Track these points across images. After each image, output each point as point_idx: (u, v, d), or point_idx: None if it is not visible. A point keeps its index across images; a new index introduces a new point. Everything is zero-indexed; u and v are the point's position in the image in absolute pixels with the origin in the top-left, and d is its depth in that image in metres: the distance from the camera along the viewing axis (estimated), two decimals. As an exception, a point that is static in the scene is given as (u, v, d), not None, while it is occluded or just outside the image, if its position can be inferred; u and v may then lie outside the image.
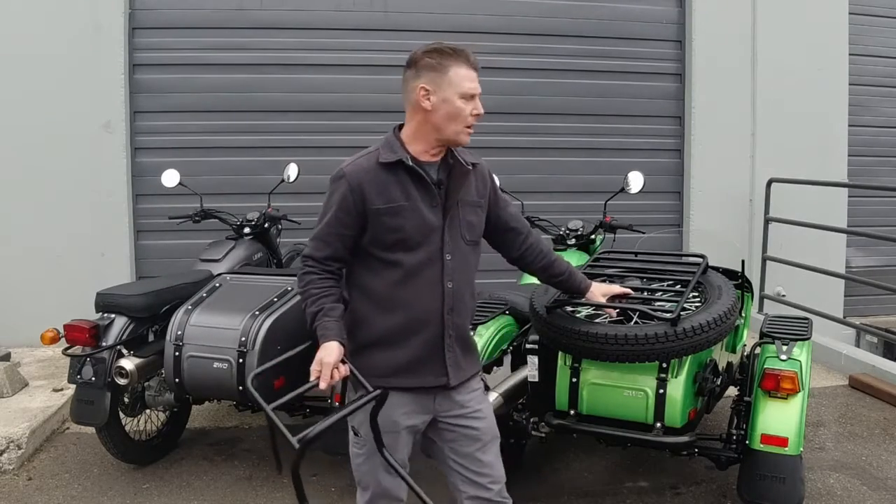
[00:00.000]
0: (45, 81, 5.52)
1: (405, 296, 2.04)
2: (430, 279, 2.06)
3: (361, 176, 2.02)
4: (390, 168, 2.03)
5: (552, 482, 3.47)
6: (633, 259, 3.27)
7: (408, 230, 2.02)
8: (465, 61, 2.05)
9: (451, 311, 2.09)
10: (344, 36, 6.01)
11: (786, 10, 6.46)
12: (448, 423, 2.15)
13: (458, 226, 2.10)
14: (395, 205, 2.01)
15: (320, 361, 1.94)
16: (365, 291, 2.08)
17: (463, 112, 2.04)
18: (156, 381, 3.51)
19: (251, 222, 4.36)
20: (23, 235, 5.55)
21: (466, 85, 2.04)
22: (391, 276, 2.04)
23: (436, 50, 2.06)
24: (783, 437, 2.69)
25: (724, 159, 6.45)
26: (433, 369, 2.09)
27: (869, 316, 6.96)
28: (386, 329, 2.05)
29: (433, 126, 2.05)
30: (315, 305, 2.02)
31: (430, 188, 2.05)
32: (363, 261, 2.08)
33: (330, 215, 2.05)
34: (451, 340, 2.11)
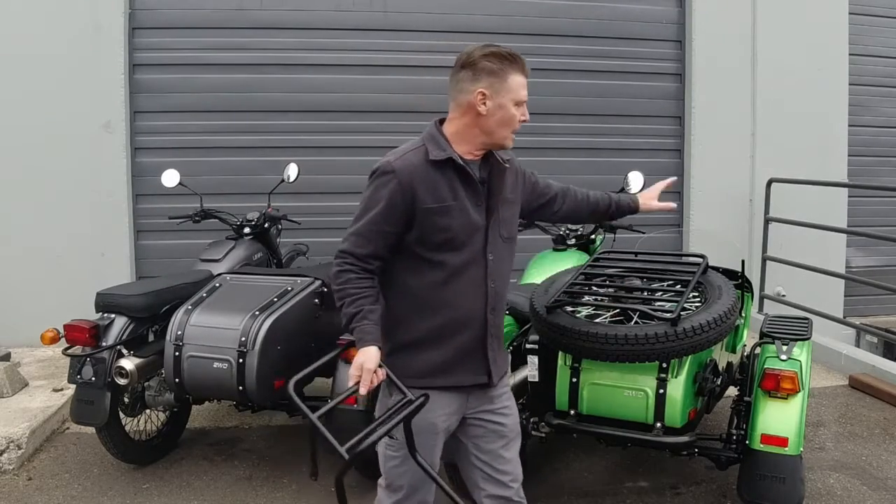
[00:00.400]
0: (45, 81, 5.52)
1: (448, 296, 2.02)
2: (474, 280, 2.04)
3: (412, 173, 1.97)
4: (439, 166, 2.00)
5: (552, 482, 3.47)
6: (633, 259, 3.27)
7: (455, 230, 1.99)
8: (521, 68, 2.07)
9: (492, 310, 2.08)
10: (344, 36, 6.01)
11: (786, 10, 6.46)
12: (476, 419, 2.14)
13: (498, 225, 2.08)
14: (445, 204, 1.98)
15: (360, 366, 1.91)
16: (405, 292, 2.04)
17: (515, 118, 2.06)
18: (156, 381, 3.51)
19: (251, 222, 4.37)
20: (23, 235, 5.55)
21: (522, 93, 2.07)
22: (434, 276, 2.01)
23: (495, 54, 2.03)
24: (783, 437, 2.69)
25: (724, 159, 6.46)
26: (473, 368, 2.08)
27: (869, 316, 6.96)
28: (427, 330, 2.02)
29: (483, 129, 2.04)
30: (353, 306, 1.97)
31: (476, 188, 2.04)
32: (404, 260, 2.03)
33: (376, 211, 1.98)
34: (492, 340, 2.10)
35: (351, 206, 6.52)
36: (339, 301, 2.01)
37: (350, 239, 2.01)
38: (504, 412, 2.17)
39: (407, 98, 6.08)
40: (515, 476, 2.18)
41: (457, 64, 2.09)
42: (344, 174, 5.99)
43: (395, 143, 2.25)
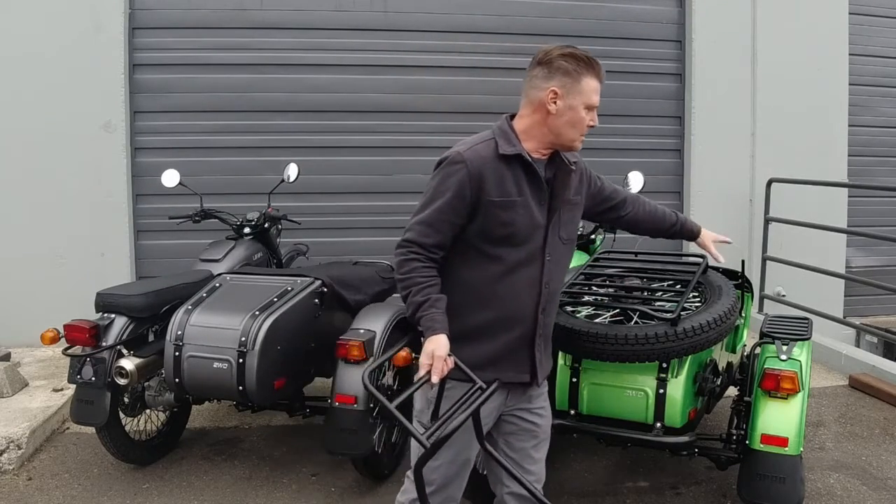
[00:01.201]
0: (45, 81, 5.52)
1: (503, 292, 2.02)
2: (530, 277, 2.05)
3: (481, 164, 1.97)
4: (508, 161, 2.00)
5: (552, 482, 3.46)
6: (633, 259, 3.27)
7: (517, 225, 2.00)
8: (597, 73, 2.05)
9: (543, 310, 2.09)
10: (344, 36, 6.01)
11: (786, 10, 6.46)
12: (512, 416, 2.15)
13: (558, 226, 2.09)
14: (510, 199, 1.98)
15: (431, 354, 1.89)
16: (461, 284, 2.03)
17: (584, 121, 2.05)
18: (156, 381, 3.51)
19: (251, 222, 4.36)
20: (23, 235, 5.55)
21: (594, 97, 2.05)
22: (491, 270, 2.02)
23: (572, 55, 2.03)
24: (783, 437, 2.69)
25: (724, 159, 6.46)
26: (517, 366, 2.08)
27: (869, 316, 6.96)
28: (478, 323, 2.03)
29: (551, 129, 2.05)
30: (421, 295, 1.96)
31: (541, 186, 2.04)
32: (463, 252, 2.03)
33: (444, 200, 1.97)
34: (541, 340, 2.11)
35: (351, 206, 6.57)
36: (405, 290, 1.99)
37: (416, 228, 2.01)
38: (540, 412, 2.19)
39: (407, 98, 6.08)
40: (540, 477, 2.19)
41: (533, 61, 2.08)
42: (344, 174, 6.00)
43: (395, 143, 2.25)
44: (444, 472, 2.09)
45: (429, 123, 6.09)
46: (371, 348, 3.19)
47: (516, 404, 2.15)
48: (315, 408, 3.54)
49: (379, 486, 3.42)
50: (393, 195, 6.03)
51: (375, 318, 3.39)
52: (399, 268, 2.01)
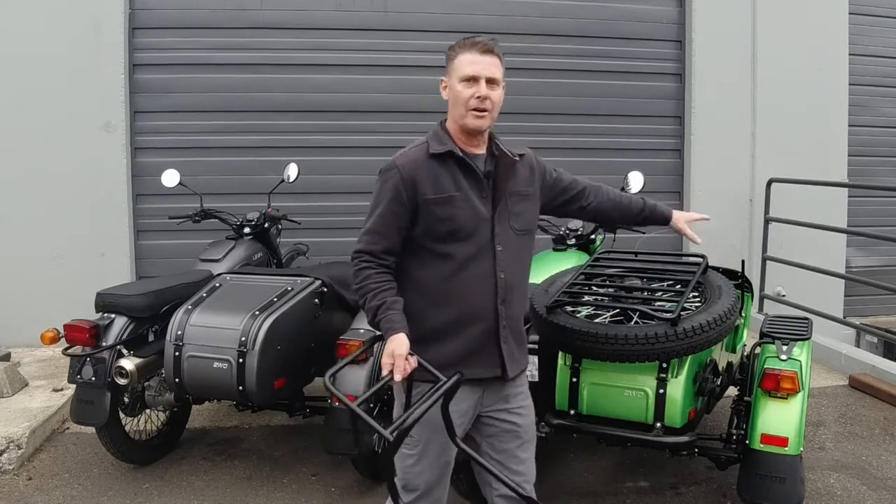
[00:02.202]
0: (45, 81, 5.52)
1: (458, 288, 2.04)
2: (483, 271, 2.06)
3: (413, 167, 2.03)
4: (441, 159, 2.05)
5: (552, 482, 3.47)
6: (633, 259, 3.27)
7: (459, 220, 2.03)
8: (473, 47, 2.04)
9: (503, 302, 2.09)
10: (344, 36, 6.01)
11: (786, 10, 6.45)
12: (490, 418, 2.15)
13: (507, 216, 2.10)
14: (447, 195, 2.03)
15: (392, 353, 1.91)
16: (417, 286, 2.07)
17: (464, 95, 2.03)
18: (156, 381, 3.51)
19: (251, 222, 4.37)
20: (23, 235, 5.55)
21: (466, 69, 2.03)
22: (443, 268, 2.05)
23: (454, 44, 2.09)
24: (783, 437, 2.69)
25: (724, 159, 6.46)
26: (486, 361, 2.09)
27: (869, 316, 6.96)
28: (439, 323, 2.05)
29: (452, 117, 2.10)
30: (377, 299, 2.00)
31: (479, 179, 2.07)
32: (414, 254, 2.08)
33: (383, 207, 2.04)
34: (506, 332, 2.11)
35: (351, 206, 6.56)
36: (361, 298, 2.04)
37: (364, 238, 2.07)
38: (520, 412, 2.18)
39: (407, 98, 6.08)
40: (529, 477, 2.18)
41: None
42: (344, 174, 6.00)
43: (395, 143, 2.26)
44: (426, 476, 2.10)
45: (429, 123, 5.97)
46: (371, 348, 3.19)
47: (494, 404, 2.14)
48: (315, 408, 3.54)
49: (379, 486, 3.42)
50: (393, 195, 6.02)
51: (376, 318, 3.38)
52: (354, 279, 2.06)
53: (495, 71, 2.04)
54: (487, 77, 2.02)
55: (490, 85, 2.03)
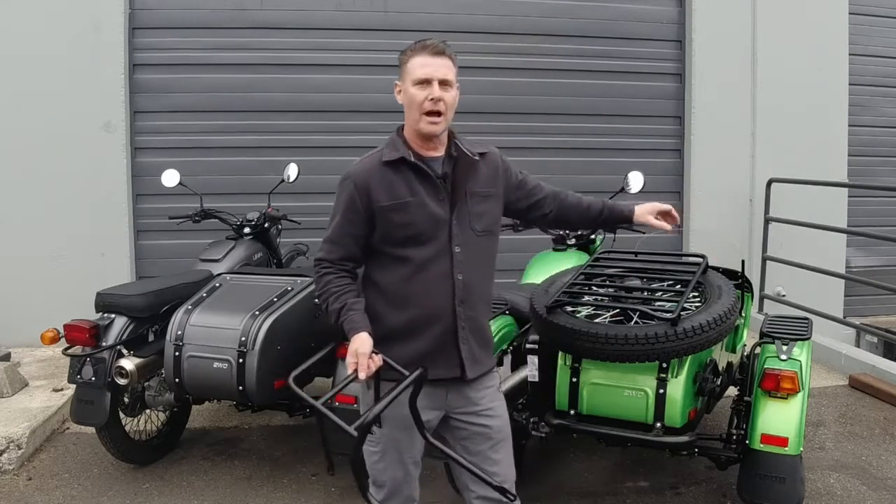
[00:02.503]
0: (45, 81, 5.52)
1: (416, 290, 2.06)
2: (441, 272, 2.07)
3: (366, 176, 2.05)
4: (394, 166, 2.06)
5: (552, 482, 3.47)
6: (633, 259, 3.27)
7: (417, 225, 2.04)
8: (424, 50, 2.04)
9: (462, 303, 2.09)
10: (344, 36, 6.01)
11: (786, 10, 6.45)
12: (460, 421, 2.15)
13: (467, 217, 2.10)
14: (401, 201, 2.04)
15: (355, 353, 1.94)
16: (377, 288, 2.10)
17: (418, 98, 2.02)
18: (156, 381, 3.51)
19: (251, 222, 4.37)
20: (23, 235, 5.55)
21: (418, 71, 2.02)
22: (401, 271, 2.06)
23: (406, 48, 2.09)
24: (783, 437, 2.69)
25: (724, 159, 6.45)
26: (447, 362, 2.09)
27: (869, 316, 6.96)
28: (399, 324, 2.07)
29: (407, 120, 2.10)
30: (338, 302, 2.04)
31: (434, 182, 2.07)
32: (375, 258, 2.11)
33: (339, 217, 2.09)
34: (466, 333, 2.10)
35: (351, 206, 6.29)
36: (324, 303, 2.09)
37: (324, 247, 2.12)
38: (489, 414, 2.16)
39: (407, 98, 6.08)
40: (505, 477, 2.17)
41: None
42: (344, 174, 5.99)
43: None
44: (391, 473, 2.11)
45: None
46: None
47: (461, 406, 2.14)
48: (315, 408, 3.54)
49: (379, 486, 3.42)
50: (393, 195, 6.03)
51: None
52: (316, 285, 2.11)
53: (448, 72, 2.04)
54: (440, 79, 2.02)
55: (443, 87, 2.03)
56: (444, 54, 2.04)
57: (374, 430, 1.96)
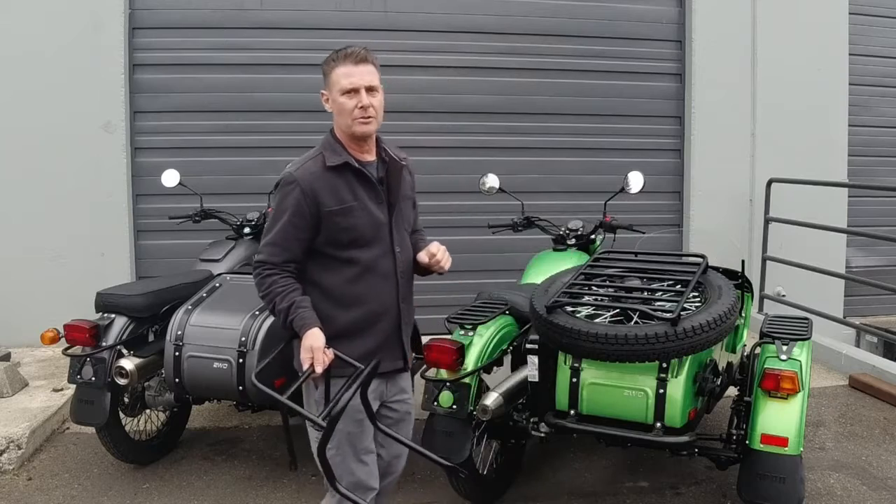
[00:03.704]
0: (45, 81, 5.52)
1: (363, 290, 2.17)
2: (385, 273, 2.20)
3: (312, 179, 2.12)
4: (337, 170, 2.14)
5: (552, 482, 3.47)
6: (633, 259, 3.26)
7: (360, 228, 2.14)
8: (347, 59, 2.15)
9: (403, 300, 2.26)
10: (344, 36, 5.99)
11: (786, 10, 6.45)
12: (389, 409, 2.33)
13: (401, 220, 2.25)
14: (347, 205, 2.13)
15: (310, 348, 2.01)
16: (323, 290, 2.16)
17: (348, 105, 2.14)
18: (156, 381, 3.51)
19: (251, 222, 4.36)
20: (23, 235, 5.55)
21: (344, 81, 2.14)
22: (348, 272, 2.16)
23: (328, 58, 2.22)
24: (783, 437, 2.69)
25: (724, 159, 6.45)
26: (391, 356, 2.24)
27: (869, 316, 6.96)
28: (347, 323, 2.15)
29: (338, 126, 2.21)
30: (285, 301, 2.09)
31: (374, 187, 2.19)
32: (318, 260, 2.17)
33: (285, 220, 2.11)
34: (406, 328, 2.29)
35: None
36: (270, 303, 2.13)
37: (265, 250, 2.14)
38: (409, 400, 2.40)
39: (407, 98, 6.08)
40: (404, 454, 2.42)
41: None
42: (344, 174, 5.99)
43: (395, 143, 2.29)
44: (349, 467, 2.18)
45: (429, 123, 6.09)
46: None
47: (395, 395, 2.31)
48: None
49: (379, 486, 3.42)
50: (393, 195, 6.03)
51: (375, 318, 3.38)
52: (259, 287, 2.14)
53: (372, 79, 2.15)
54: (366, 86, 2.14)
55: (370, 93, 2.15)
56: (367, 61, 2.16)
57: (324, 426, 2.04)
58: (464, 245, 6.15)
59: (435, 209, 6.12)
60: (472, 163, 5.98)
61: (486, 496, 3.24)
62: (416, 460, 3.56)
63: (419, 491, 3.40)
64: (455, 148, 6.10)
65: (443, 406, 2.94)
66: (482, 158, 6.02)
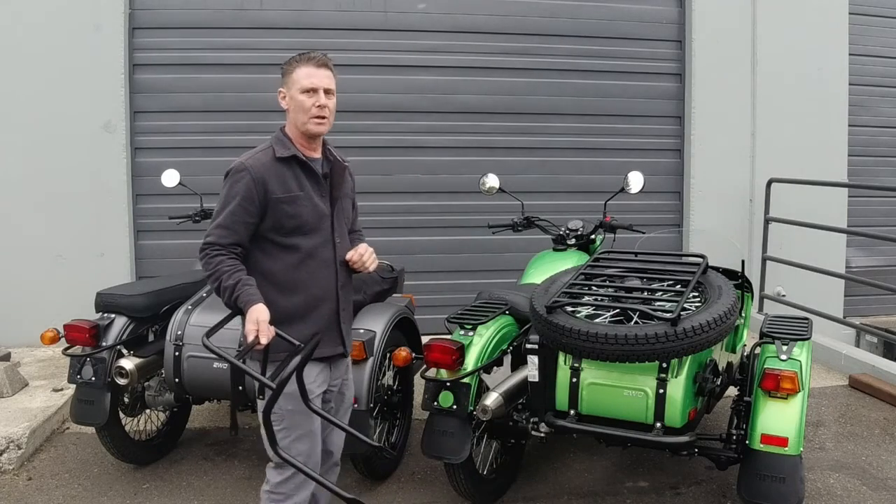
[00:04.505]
0: (44, 81, 5.52)
1: (304, 276, 2.31)
2: (325, 260, 2.36)
3: (262, 169, 2.27)
4: (286, 162, 2.31)
5: (552, 482, 3.47)
6: (633, 259, 3.26)
7: (304, 216, 2.30)
8: (309, 62, 2.33)
9: (342, 287, 2.41)
10: (344, 36, 6.01)
11: (786, 11, 6.46)
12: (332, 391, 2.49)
13: (342, 214, 2.43)
14: (293, 194, 2.29)
15: (256, 321, 2.12)
16: (266, 275, 2.29)
17: (306, 104, 2.32)
18: (156, 381, 3.51)
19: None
20: (23, 235, 5.55)
21: (305, 81, 2.32)
22: (290, 259, 2.30)
23: (291, 58, 2.38)
24: (783, 437, 2.69)
25: (724, 159, 6.46)
26: (330, 340, 2.39)
27: (869, 316, 6.96)
28: (288, 308, 2.28)
29: (292, 122, 2.37)
30: (231, 279, 2.20)
31: (319, 180, 2.37)
32: (261, 246, 2.31)
33: (234, 205, 2.25)
34: (345, 314, 2.44)
35: (351, 206, 6.27)
36: (216, 282, 2.23)
37: (214, 232, 2.26)
38: (350, 384, 2.58)
39: (407, 98, 6.09)
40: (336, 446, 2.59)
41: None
42: (344, 174, 5.99)
43: (395, 143, 2.35)
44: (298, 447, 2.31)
45: (429, 123, 6.09)
46: (371, 348, 3.19)
47: (336, 378, 2.47)
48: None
49: (379, 486, 3.43)
50: (393, 195, 6.04)
51: (375, 318, 3.39)
52: (206, 267, 2.26)
53: (330, 83, 2.36)
54: (325, 88, 2.33)
55: (327, 95, 2.34)
56: (327, 66, 2.36)
57: (275, 409, 2.19)
58: (464, 245, 6.16)
59: (435, 209, 6.14)
60: (472, 163, 5.98)
61: (486, 496, 3.24)
62: (417, 460, 3.57)
63: (419, 491, 3.40)
64: (455, 148, 6.11)
65: (443, 406, 2.94)
66: (482, 158, 6.03)
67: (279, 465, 2.32)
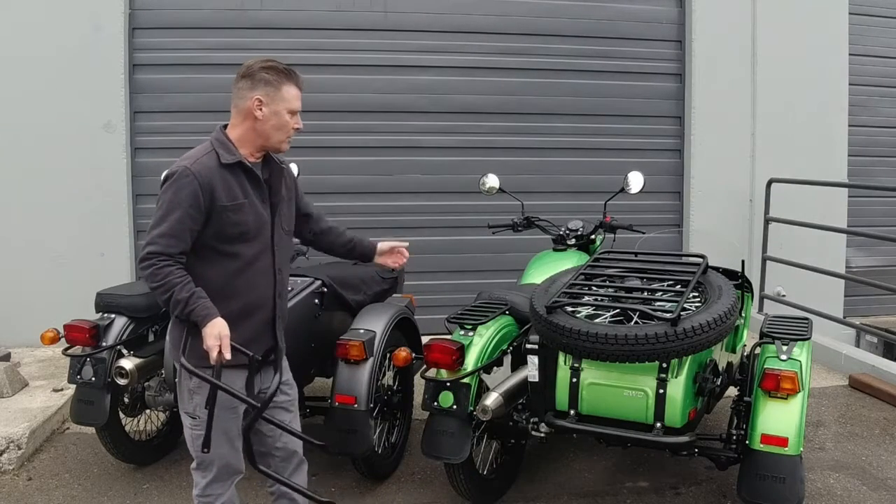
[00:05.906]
0: (44, 81, 5.52)
1: (242, 284, 2.27)
2: (264, 268, 2.32)
3: (208, 174, 2.20)
4: (230, 169, 2.25)
5: (552, 482, 3.47)
6: (633, 259, 3.27)
7: (248, 224, 2.26)
8: (295, 82, 2.34)
9: (279, 295, 2.38)
10: (344, 36, 6.01)
11: (786, 11, 6.46)
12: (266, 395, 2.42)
13: (281, 219, 2.38)
14: (238, 202, 2.24)
15: (218, 336, 2.12)
16: (203, 282, 2.22)
17: (288, 125, 2.32)
18: (156, 381, 3.51)
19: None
20: (23, 236, 5.55)
21: (295, 103, 2.33)
22: (229, 266, 2.25)
23: (272, 67, 2.31)
24: (783, 437, 2.69)
25: (724, 159, 6.46)
26: (263, 346, 2.35)
27: (869, 316, 6.96)
28: (225, 315, 2.19)
29: (260, 133, 2.29)
30: (185, 291, 2.15)
31: (262, 186, 2.32)
32: (201, 254, 2.24)
33: (181, 212, 2.16)
34: (280, 321, 2.40)
35: (351, 206, 6.56)
36: (167, 293, 2.16)
37: (159, 241, 2.16)
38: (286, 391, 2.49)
39: (407, 98, 6.09)
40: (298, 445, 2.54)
41: (238, 75, 2.34)
42: (344, 174, 6.00)
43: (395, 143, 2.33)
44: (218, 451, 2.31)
45: (429, 123, 6.09)
46: (371, 348, 3.19)
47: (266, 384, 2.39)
48: (315, 408, 3.54)
49: (379, 486, 3.42)
50: (393, 195, 6.04)
51: (375, 318, 3.39)
52: (153, 278, 2.17)
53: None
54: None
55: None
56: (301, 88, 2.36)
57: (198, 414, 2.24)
58: (464, 245, 6.16)
59: (435, 209, 6.13)
60: (472, 163, 5.98)
61: (486, 496, 3.24)
62: (417, 460, 3.57)
63: (419, 491, 3.40)
64: (455, 148, 6.11)
65: (443, 406, 2.94)
66: (482, 158, 6.03)
67: (200, 467, 2.37)
